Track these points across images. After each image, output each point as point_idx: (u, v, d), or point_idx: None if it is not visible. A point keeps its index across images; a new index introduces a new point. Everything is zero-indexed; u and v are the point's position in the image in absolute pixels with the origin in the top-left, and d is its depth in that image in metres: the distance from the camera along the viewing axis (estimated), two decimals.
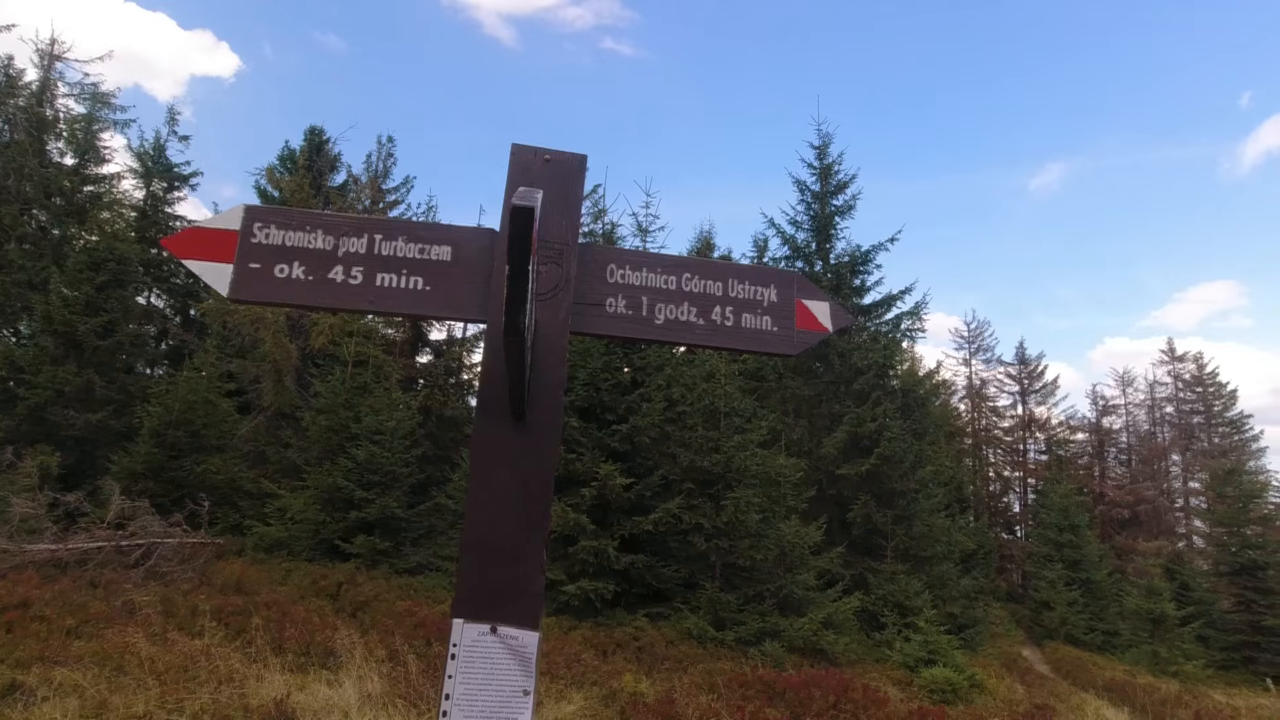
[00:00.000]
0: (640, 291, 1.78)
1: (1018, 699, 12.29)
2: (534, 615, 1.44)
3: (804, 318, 1.82)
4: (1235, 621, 25.66)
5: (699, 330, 1.78)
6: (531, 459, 1.51)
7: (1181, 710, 13.49)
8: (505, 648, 1.42)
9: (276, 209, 1.66)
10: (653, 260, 1.81)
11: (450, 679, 1.39)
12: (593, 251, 1.79)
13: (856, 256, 18.83)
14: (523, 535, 1.47)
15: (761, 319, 1.81)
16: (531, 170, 1.69)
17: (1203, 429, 44.86)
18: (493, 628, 1.42)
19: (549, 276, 1.63)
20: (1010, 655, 19.67)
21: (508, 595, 1.44)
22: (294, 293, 1.61)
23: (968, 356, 44.23)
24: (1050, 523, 28.63)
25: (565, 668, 9.11)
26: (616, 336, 1.78)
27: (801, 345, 1.81)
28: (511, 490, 1.49)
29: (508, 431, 1.52)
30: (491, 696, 1.40)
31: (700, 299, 1.81)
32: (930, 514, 17.83)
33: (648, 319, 1.77)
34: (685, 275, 1.82)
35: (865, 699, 9.24)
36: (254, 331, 17.71)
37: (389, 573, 12.68)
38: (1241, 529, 27.85)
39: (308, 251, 1.63)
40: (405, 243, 1.66)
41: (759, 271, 1.86)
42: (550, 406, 1.55)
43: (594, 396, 13.05)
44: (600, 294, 1.76)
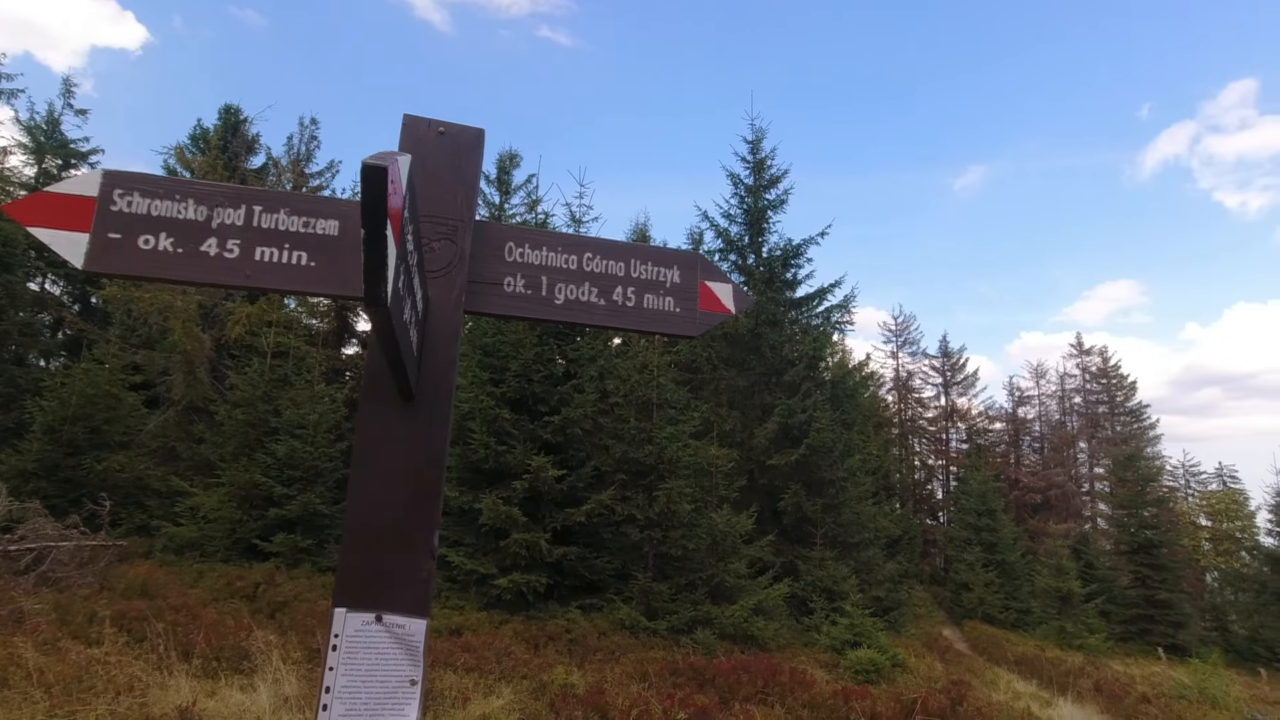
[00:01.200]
0: (540, 271, 1.74)
1: (937, 676, 12.82)
2: (422, 602, 1.39)
3: (706, 299, 1.82)
4: (1133, 597, 27.55)
5: (600, 311, 1.75)
6: (421, 441, 1.45)
7: (1084, 680, 14.38)
8: (391, 636, 1.36)
9: (141, 174, 1.53)
10: (553, 239, 1.77)
11: (331, 671, 1.33)
12: (490, 229, 1.74)
13: (788, 250, 19.18)
14: (411, 520, 1.41)
15: (664, 300, 1.80)
16: (425, 143, 1.62)
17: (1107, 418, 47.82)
18: (378, 616, 1.36)
19: (442, 253, 1.57)
20: (932, 635, 20.55)
21: (394, 582, 1.38)
22: (161, 265, 1.49)
23: (895, 349, 45.86)
24: (969, 508, 30.04)
25: (495, 662, 8.99)
26: (514, 316, 1.73)
27: (703, 326, 1.81)
28: (399, 474, 1.43)
29: (395, 413, 1.45)
30: (376, 688, 1.34)
31: (602, 279, 1.78)
32: (858, 502, 18.40)
33: (547, 299, 1.73)
34: (587, 255, 1.78)
35: (792, 681, 9.47)
36: (162, 320, 16.72)
37: (312, 571, 12.23)
38: (1139, 511, 29.90)
39: (177, 222, 1.51)
40: (288, 215, 1.56)
41: (661, 253, 1.85)
42: (441, 387, 1.50)
43: (525, 388, 12.89)
44: (498, 273, 1.71)
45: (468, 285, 1.64)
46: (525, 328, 13.26)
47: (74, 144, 22.94)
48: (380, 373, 1.42)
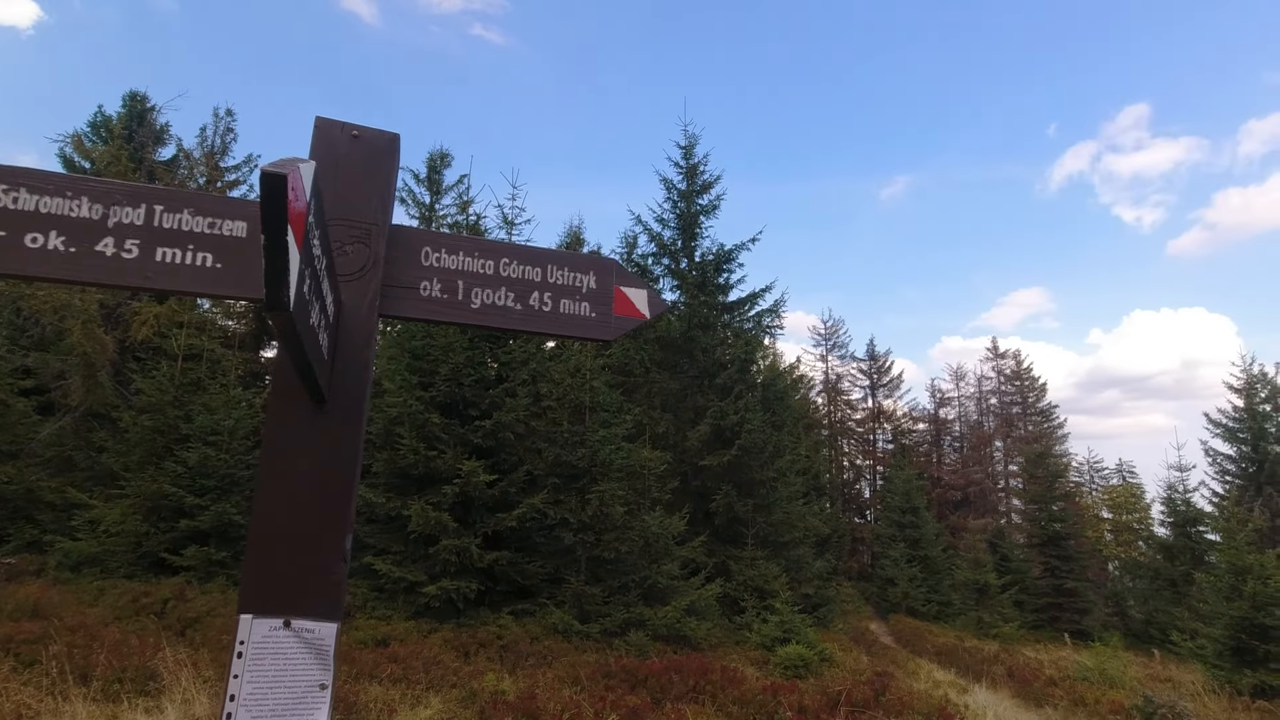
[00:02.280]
0: (456, 275, 1.75)
1: (863, 668, 13.26)
2: (333, 606, 1.38)
3: (622, 304, 1.87)
4: (1043, 586, 29.17)
5: (516, 315, 1.78)
6: (333, 445, 1.44)
7: (998, 667, 15.15)
8: (300, 641, 1.34)
9: (28, 170, 1.46)
10: (470, 244, 1.78)
11: (236, 679, 1.30)
12: (406, 234, 1.74)
13: (720, 255, 19.51)
14: (322, 524, 1.40)
15: (580, 305, 1.84)
16: (337, 146, 1.61)
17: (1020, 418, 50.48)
18: (286, 621, 1.35)
19: (356, 256, 1.56)
20: (859, 629, 21.24)
21: (304, 587, 1.37)
22: (51, 266, 1.43)
23: (824, 353, 47.16)
24: (894, 506, 31.19)
25: (423, 671, 8.81)
26: (431, 320, 1.74)
27: (618, 331, 1.86)
28: (310, 478, 1.41)
29: (306, 416, 1.43)
30: (284, 694, 1.32)
31: (518, 284, 1.80)
32: (789, 502, 18.86)
33: (463, 303, 1.74)
34: (504, 260, 1.80)
35: (723, 679, 9.63)
36: (58, 320, 15.64)
37: (226, 585, 11.67)
38: (1048, 505, 31.71)
39: (69, 220, 1.45)
40: (192, 215, 1.52)
41: (578, 259, 1.89)
42: (355, 390, 1.49)
43: (456, 392, 12.68)
44: (414, 277, 1.71)
45: (383, 289, 1.64)
46: (456, 331, 13.04)
47: None
48: (289, 375, 1.40)
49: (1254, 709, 11.61)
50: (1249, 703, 12.01)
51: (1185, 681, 13.84)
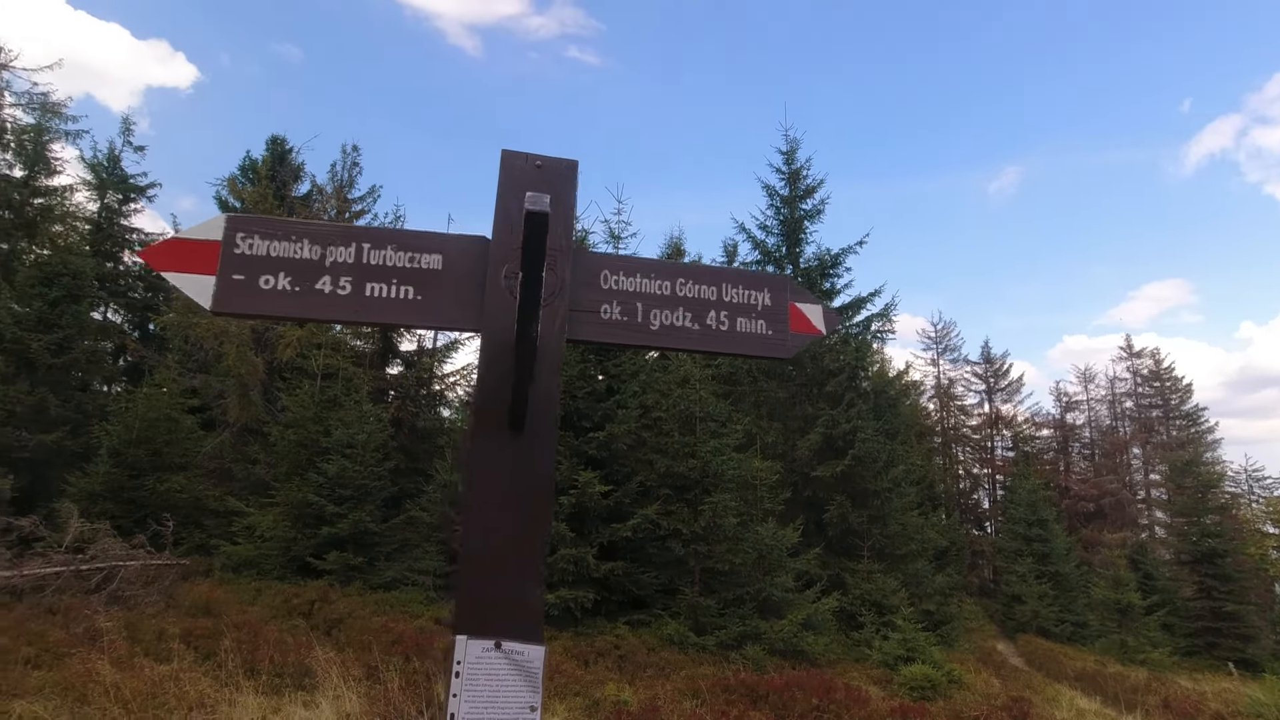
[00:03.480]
0: (635, 298, 1.77)
1: (995, 692, 12.48)
2: (536, 629, 1.41)
3: (797, 321, 1.83)
4: (1197, 609, 26.41)
5: (694, 335, 1.77)
6: (529, 469, 1.48)
7: (1151, 697, 13.82)
8: (510, 663, 1.38)
9: (260, 218, 1.60)
10: (646, 266, 1.80)
11: (455, 698, 1.35)
12: (586, 258, 1.77)
13: (826, 260, 19.05)
14: (522, 547, 1.44)
15: (756, 323, 1.81)
16: (524, 176, 1.66)
17: (1161, 422, 46.14)
18: (496, 643, 1.39)
19: (546, 283, 1.61)
20: (985, 649, 19.98)
21: (509, 609, 1.41)
22: (280, 304, 1.56)
23: (935, 357, 44.97)
24: (1018, 518, 29.16)
25: (547, 679, 9.02)
26: (612, 344, 1.76)
27: (795, 348, 1.82)
28: (510, 501, 1.45)
29: (505, 442, 1.48)
30: (498, 715, 1.36)
31: (695, 304, 1.80)
32: (904, 513, 18.05)
33: (643, 325, 1.76)
34: (680, 280, 1.80)
35: (847, 698, 9.30)
36: (217, 345, 17.27)
37: (363, 589, 12.43)
38: (1200, 518, 28.70)
39: (294, 262, 1.58)
40: (394, 251, 1.62)
41: (752, 276, 1.86)
42: (546, 415, 1.52)
43: (570, 404, 12.97)
44: (595, 300, 1.74)
45: (569, 314, 1.68)
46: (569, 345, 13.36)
47: (133, 179, 24.01)
48: (490, 404, 1.46)
49: None
50: None
51: None
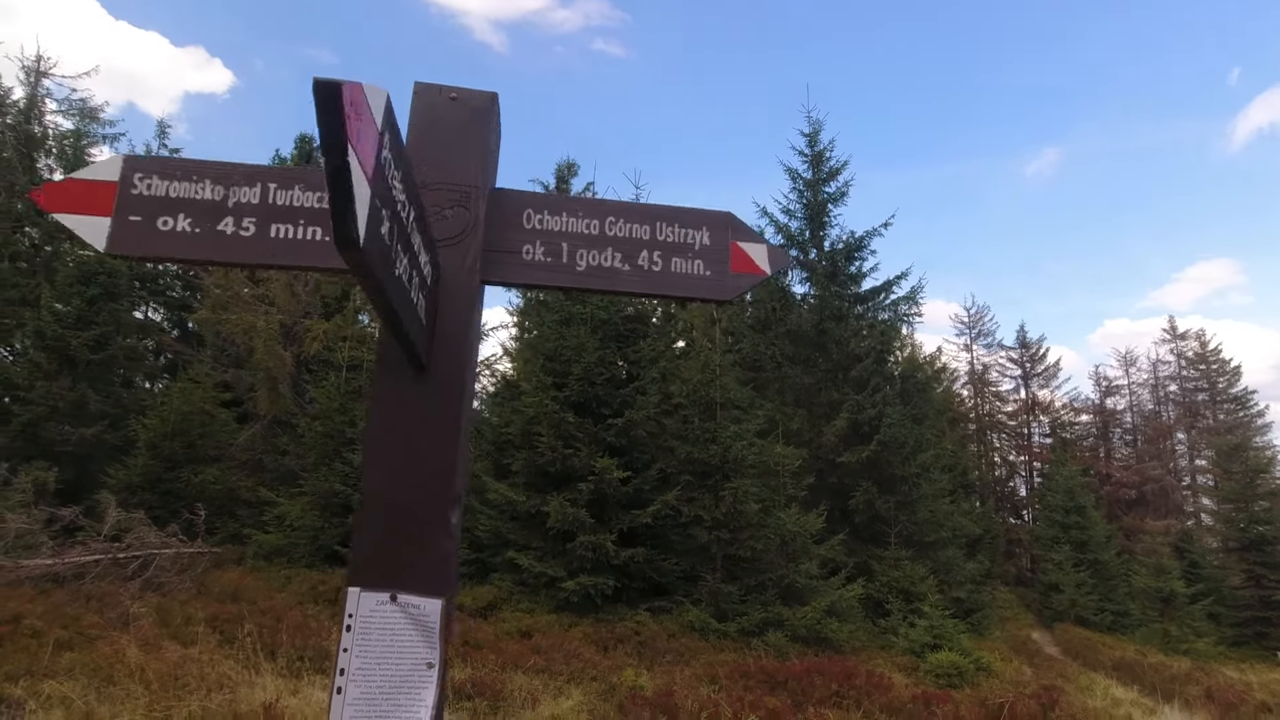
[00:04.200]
0: (560, 238, 1.67)
1: (1025, 680, 12.17)
2: (439, 582, 1.33)
3: (739, 261, 1.71)
4: (1245, 597, 25.50)
5: (625, 277, 1.67)
6: (435, 413, 1.40)
7: (1193, 687, 13.36)
8: (407, 617, 1.31)
9: (158, 158, 1.55)
10: (573, 204, 1.70)
11: (345, 652, 1.28)
12: (506, 197, 1.68)
13: (850, 243, 18.68)
14: (426, 496, 1.36)
15: (693, 263, 1.70)
16: (436, 109, 1.58)
17: (1207, 406, 44.54)
18: (392, 596, 1.32)
19: (455, 220, 1.52)
20: (1019, 638, 19.53)
21: (409, 561, 1.33)
22: (179, 246, 1.50)
23: (969, 342, 44.03)
24: (1056, 505, 28.44)
25: (564, 663, 9.02)
26: (534, 285, 1.68)
27: (735, 290, 1.70)
28: (413, 447, 1.38)
29: (408, 385, 1.41)
30: (391, 670, 1.29)
31: (626, 244, 1.70)
32: (934, 499, 17.70)
33: (568, 266, 1.66)
34: (609, 219, 1.70)
35: (869, 684, 9.13)
36: (247, 340, 17.63)
37: None
38: (1249, 504, 27.68)
39: (194, 203, 1.52)
40: (302, 191, 1.54)
41: (690, 213, 1.75)
42: (456, 357, 1.44)
43: (589, 391, 12.93)
44: (516, 241, 1.65)
45: (484, 254, 1.59)
46: (586, 332, 13.32)
47: None
48: (391, 344, 1.38)
49: None
50: None
51: None
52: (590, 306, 13.32)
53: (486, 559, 13.23)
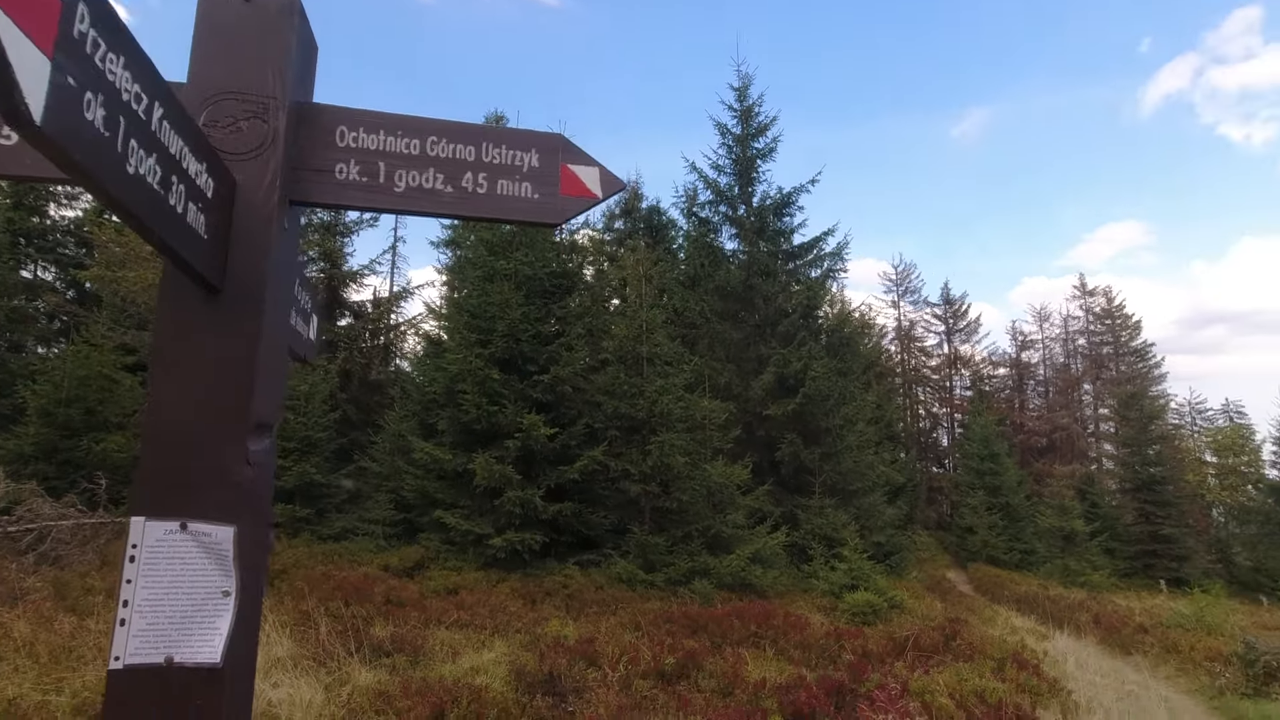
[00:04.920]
0: (377, 156, 1.59)
1: (935, 615, 12.91)
2: (232, 508, 1.28)
3: (570, 183, 1.67)
4: (1137, 533, 27.66)
5: (447, 199, 1.61)
6: (228, 336, 1.32)
7: (1083, 614, 14.47)
8: (199, 545, 1.25)
9: None
10: (392, 122, 1.62)
11: (129, 584, 1.23)
12: (316, 111, 1.58)
13: (779, 199, 18.82)
14: (219, 421, 1.30)
15: (520, 186, 1.65)
16: (225, 14, 1.45)
17: (1111, 359, 47.38)
18: (182, 524, 1.26)
19: (250, 133, 1.42)
20: (935, 578, 20.72)
21: (199, 488, 1.27)
22: None
23: (896, 299, 45.49)
24: (973, 453, 30.07)
25: (489, 618, 9.06)
26: (349, 206, 1.60)
27: (566, 214, 1.66)
28: (204, 372, 1.30)
29: (197, 306, 1.32)
30: (183, 600, 1.24)
31: (449, 164, 1.63)
32: (859, 450, 18.36)
33: (385, 186, 1.59)
34: (431, 139, 1.63)
35: (786, 625, 9.53)
36: (149, 300, 16.61)
37: (311, 540, 12.33)
38: (1143, 448, 29.84)
39: None
40: None
41: (517, 135, 1.69)
42: (254, 279, 1.36)
43: (514, 348, 12.79)
44: (328, 159, 1.56)
45: (291, 173, 1.50)
46: (511, 288, 13.10)
47: None
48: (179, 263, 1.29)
49: None
50: None
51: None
52: (514, 262, 13.08)
53: (414, 519, 13.11)
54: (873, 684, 6.41)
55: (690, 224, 20.82)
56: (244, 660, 1.33)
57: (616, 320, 15.65)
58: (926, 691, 6.29)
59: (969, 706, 6.11)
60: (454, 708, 5.14)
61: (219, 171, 1.32)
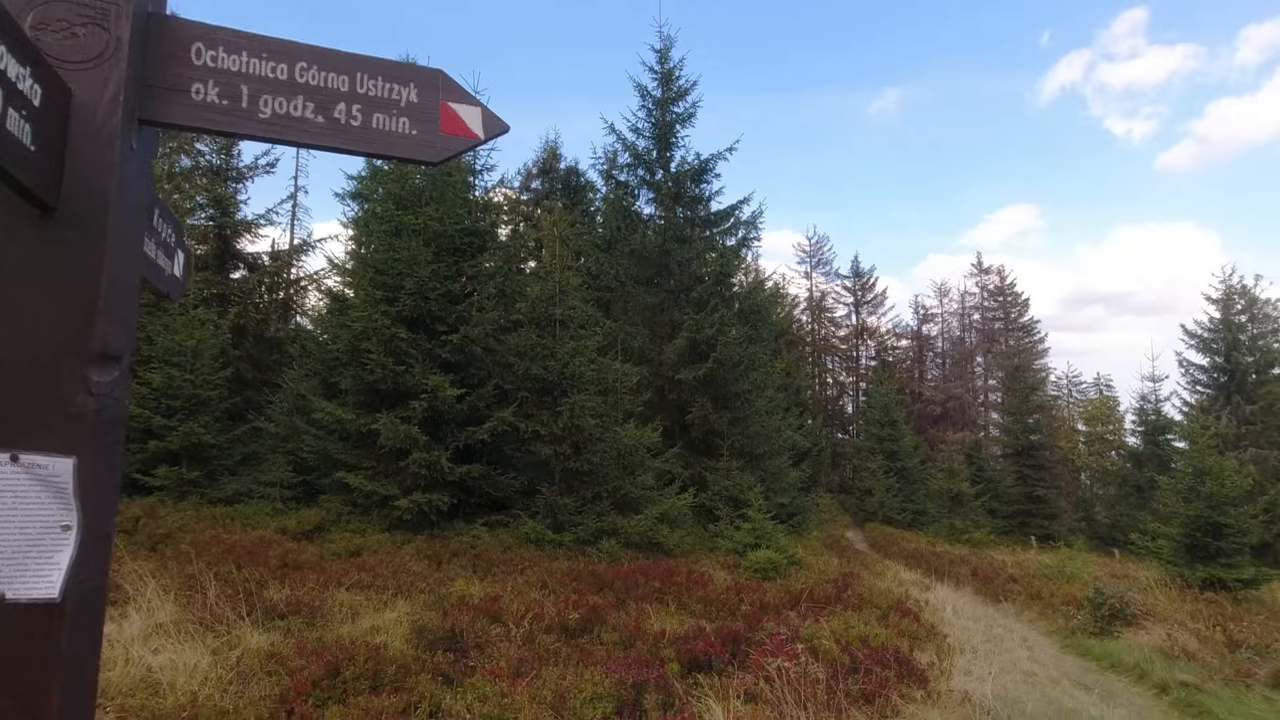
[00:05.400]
0: (239, 79, 1.51)
1: (831, 570, 13.66)
2: (71, 440, 1.22)
3: (450, 122, 1.63)
4: (1015, 494, 30.03)
5: (317, 129, 1.55)
6: (65, 260, 1.24)
7: (963, 567, 15.67)
8: (33, 478, 1.19)
9: None
10: (256, 44, 1.53)
11: None
12: (171, 25, 1.48)
13: (697, 166, 18.90)
14: (53, 349, 1.22)
15: (397, 121, 1.60)
16: None
17: (1002, 334, 50.63)
18: (13, 456, 1.19)
19: (89, 41, 1.32)
20: (835, 537, 21.88)
21: (32, 419, 1.20)
22: None
23: (809, 270, 46.89)
24: (874, 420, 31.72)
25: (392, 579, 8.94)
26: (205, 129, 1.51)
27: (446, 152, 1.63)
28: (36, 296, 1.22)
29: (29, 225, 1.23)
30: (15, 535, 1.18)
31: (320, 93, 1.56)
32: (767, 415, 19.00)
33: (249, 111, 1.51)
34: (300, 65, 1.55)
35: (689, 581, 9.87)
36: None
37: (201, 503, 11.73)
38: (1024, 417, 32.27)
39: None
40: None
41: (395, 67, 1.64)
42: (94, 197, 1.27)
43: (422, 306, 12.43)
44: (182, 78, 1.47)
45: (141, 89, 1.40)
46: (419, 244, 12.68)
47: None
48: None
49: (1201, 599, 12.09)
50: (1198, 594, 12.51)
51: (1140, 577, 14.37)
52: (423, 218, 12.64)
53: (314, 481, 12.68)
54: (766, 632, 6.76)
55: (608, 187, 20.66)
56: (90, 597, 1.27)
57: (531, 282, 15.44)
58: (815, 637, 6.70)
59: (853, 650, 6.56)
60: (350, 665, 5.08)
61: (48, 79, 1.22)
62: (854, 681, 5.44)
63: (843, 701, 4.93)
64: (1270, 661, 8.08)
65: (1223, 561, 13.17)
